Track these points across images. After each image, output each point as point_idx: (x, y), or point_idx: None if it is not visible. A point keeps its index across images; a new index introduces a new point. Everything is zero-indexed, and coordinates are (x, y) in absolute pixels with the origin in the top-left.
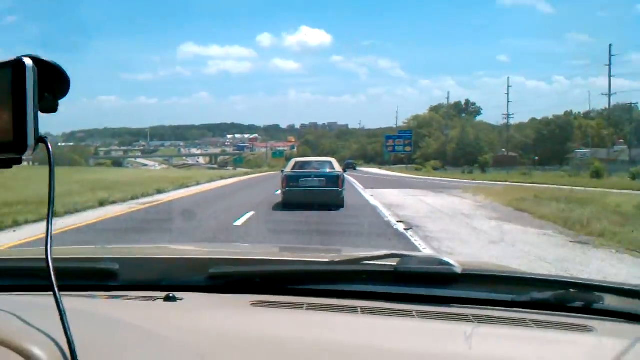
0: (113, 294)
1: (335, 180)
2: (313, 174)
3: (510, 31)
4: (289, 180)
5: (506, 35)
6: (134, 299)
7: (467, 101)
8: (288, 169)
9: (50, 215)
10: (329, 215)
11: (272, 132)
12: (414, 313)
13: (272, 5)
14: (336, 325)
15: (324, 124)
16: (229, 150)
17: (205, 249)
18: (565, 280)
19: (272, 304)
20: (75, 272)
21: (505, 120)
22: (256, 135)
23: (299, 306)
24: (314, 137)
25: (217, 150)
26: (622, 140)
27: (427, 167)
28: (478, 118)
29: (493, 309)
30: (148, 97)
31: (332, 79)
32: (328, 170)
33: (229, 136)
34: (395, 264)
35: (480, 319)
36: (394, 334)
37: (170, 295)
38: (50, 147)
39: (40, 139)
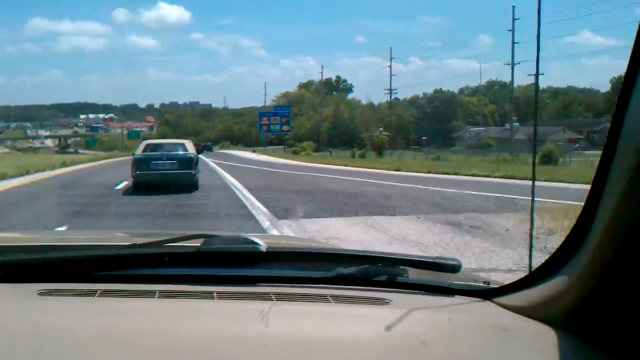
0: None
1: (189, 163)
2: (165, 157)
3: (367, 12)
4: (139, 164)
5: (363, 17)
6: None
7: (338, 78)
8: (138, 152)
9: None
10: None
11: (130, 111)
12: (215, 294)
13: None
14: (129, 310)
15: (185, 103)
16: (82, 131)
17: None
18: (371, 255)
19: (61, 292)
20: None
21: (377, 100)
22: (112, 115)
23: (91, 293)
24: (174, 117)
25: (69, 132)
26: (515, 118)
27: (307, 148)
28: (349, 96)
29: (296, 286)
30: None
31: (193, 57)
32: (181, 152)
33: (82, 116)
34: (199, 244)
35: (280, 297)
36: (191, 316)
37: None
38: None
39: None
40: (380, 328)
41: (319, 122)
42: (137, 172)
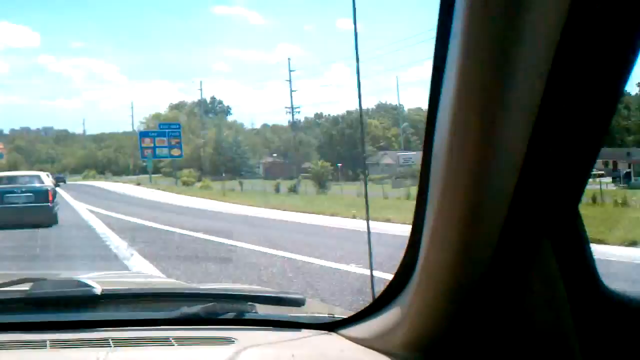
0: None
1: (45, 195)
2: (19, 190)
3: (225, 40)
4: None
5: (222, 44)
6: None
7: (213, 99)
8: None
9: None
10: None
11: None
12: (47, 342)
13: None
14: None
15: (38, 128)
16: None
17: None
18: (215, 292)
19: None
20: None
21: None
22: None
23: None
24: (26, 143)
25: None
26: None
27: (204, 180)
28: (228, 118)
29: (137, 330)
30: None
31: (43, 81)
32: (37, 184)
33: None
34: (27, 288)
35: (118, 342)
36: None
37: None
38: None
39: None
40: None
41: (200, 147)
42: None
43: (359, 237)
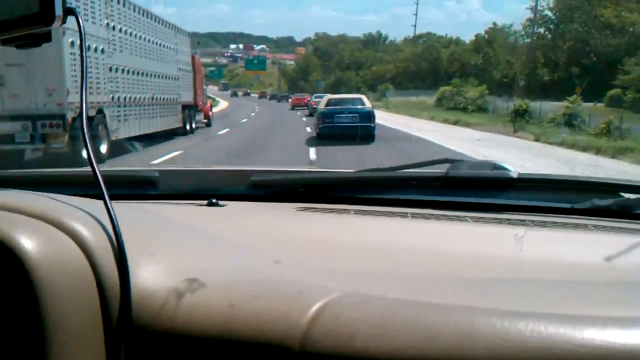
0: (154, 202)
1: (368, 116)
2: (346, 110)
3: None
4: (324, 117)
5: None
6: (176, 204)
7: None
8: (322, 106)
9: (84, 93)
10: None
11: (284, 44)
12: (468, 218)
13: None
14: (385, 228)
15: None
16: (224, 61)
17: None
18: (630, 184)
19: (318, 210)
20: (114, 179)
21: None
22: (263, 45)
23: (346, 212)
24: (326, 44)
25: (209, 60)
26: None
27: None
28: None
29: (550, 216)
30: (165, 7)
31: None
32: (359, 106)
33: (232, 46)
34: (445, 170)
35: (535, 224)
36: (445, 236)
37: (213, 201)
38: (80, 18)
39: (69, 10)
40: None
41: None
42: (322, 125)
43: None
